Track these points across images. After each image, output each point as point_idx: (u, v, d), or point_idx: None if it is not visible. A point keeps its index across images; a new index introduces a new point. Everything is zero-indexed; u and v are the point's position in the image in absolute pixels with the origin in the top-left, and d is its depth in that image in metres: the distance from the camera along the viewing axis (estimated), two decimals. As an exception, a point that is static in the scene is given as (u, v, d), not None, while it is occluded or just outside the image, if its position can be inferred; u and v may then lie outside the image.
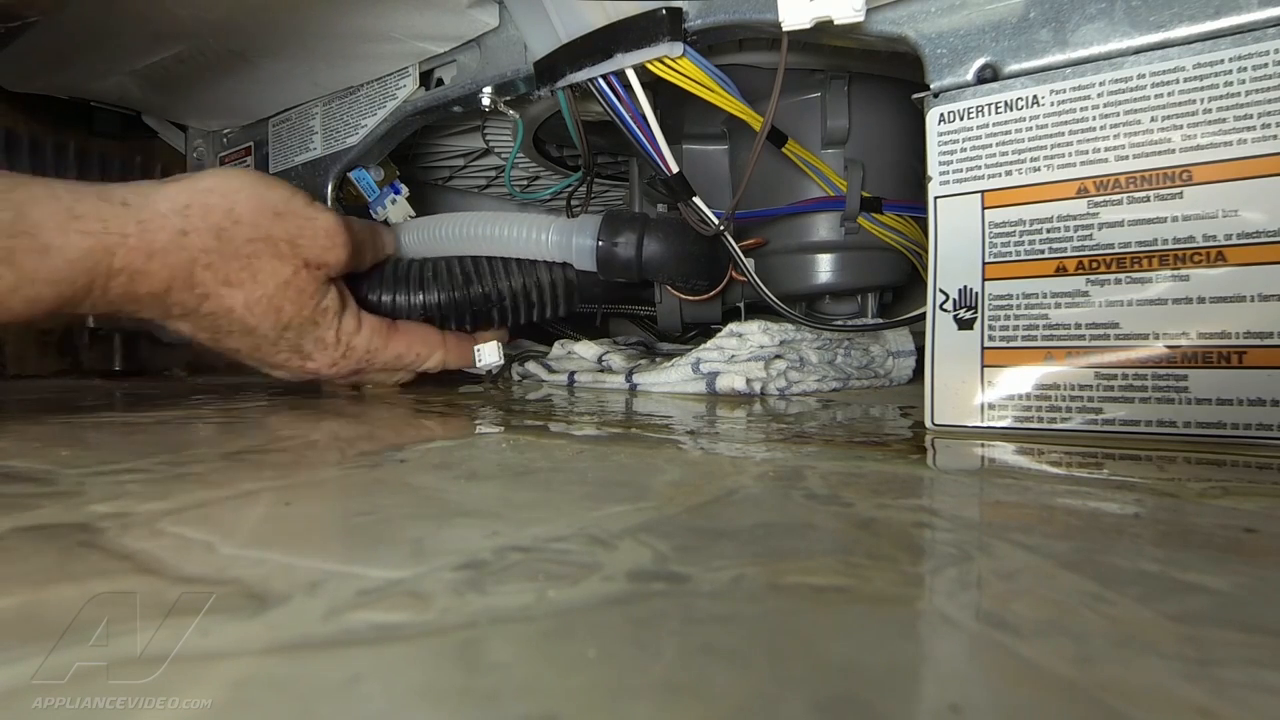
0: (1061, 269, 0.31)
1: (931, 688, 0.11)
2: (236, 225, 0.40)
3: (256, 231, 0.40)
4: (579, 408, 0.43)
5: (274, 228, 0.41)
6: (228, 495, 0.21)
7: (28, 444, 0.29)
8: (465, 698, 0.10)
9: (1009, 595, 0.14)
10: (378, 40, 0.54)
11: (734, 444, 0.30)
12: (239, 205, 0.40)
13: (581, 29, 0.44)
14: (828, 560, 0.16)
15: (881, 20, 0.36)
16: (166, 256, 0.37)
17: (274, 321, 0.42)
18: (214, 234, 0.39)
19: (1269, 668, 0.11)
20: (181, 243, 0.38)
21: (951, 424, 0.33)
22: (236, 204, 0.40)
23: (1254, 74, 0.28)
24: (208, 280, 0.39)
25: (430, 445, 0.30)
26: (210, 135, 0.77)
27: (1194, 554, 0.16)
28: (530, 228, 0.52)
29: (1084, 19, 0.31)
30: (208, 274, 0.39)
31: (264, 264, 0.41)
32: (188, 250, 0.38)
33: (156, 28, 0.54)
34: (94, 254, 0.35)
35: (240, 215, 0.40)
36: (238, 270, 0.40)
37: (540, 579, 0.15)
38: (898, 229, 0.49)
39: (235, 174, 0.42)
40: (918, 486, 0.23)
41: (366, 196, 0.64)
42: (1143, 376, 0.29)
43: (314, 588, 0.14)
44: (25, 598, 0.14)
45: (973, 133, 0.33)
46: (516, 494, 0.22)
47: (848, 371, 0.53)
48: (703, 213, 0.46)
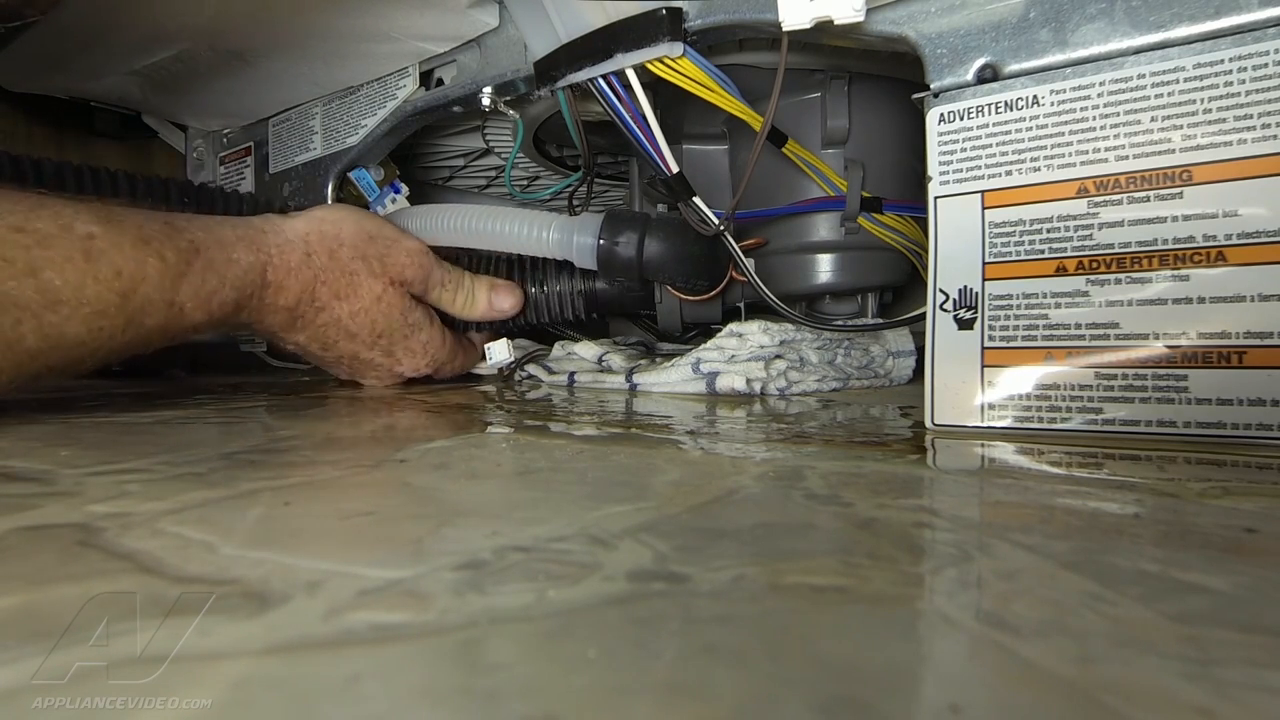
0: (1061, 269, 0.31)
1: (931, 688, 0.11)
2: (342, 247, 0.48)
3: (356, 251, 0.49)
4: (579, 408, 0.43)
5: (368, 248, 0.49)
6: (228, 495, 0.21)
7: (27, 444, 0.29)
8: (465, 698, 0.10)
9: (1009, 595, 0.14)
10: (378, 40, 0.54)
11: (734, 444, 0.30)
12: (344, 231, 0.49)
13: (581, 29, 0.44)
14: (828, 560, 0.16)
15: (881, 20, 0.36)
16: (299, 274, 0.46)
17: (370, 330, 0.50)
18: (328, 255, 0.48)
19: (1269, 668, 0.11)
20: (308, 262, 0.46)
21: (951, 424, 0.33)
22: (342, 230, 0.49)
23: (1254, 74, 0.28)
24: (323, 294, 0.47)
25: (430, 445, 0.30)
26: (210, 135, 0.77)
27: (1194, 554, 0.16)
28: (532, 224, 0.52)
29: (1084, 19, 0.31)
30: (324, 289, 0.47)
31: (362, 280, 0.49)
32: (312, 269, 0.47)
33: (156, 28, 0.54)
34: (256, 267, 0.43)
35: (344, 239, 0.49)
36: (344, 285, 0.48)
37: (540, 579, 0.15)
38: (898, 229, 0.49)
39: (340, 208, 0.51)
40: (918, 486, 0.23)
41: (366, 196, 0.64)
42: (1143, 376, 0.29)
43: (314, 588, 0.14)
44: (25, 598, 0.14)
45: (973, 133, 0.33)
46: (516, 494, 0.22)
47: (848, 371, 0.53)
48: (703, 213, 0.46)
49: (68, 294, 0.34)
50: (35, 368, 0.34)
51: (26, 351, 0.33)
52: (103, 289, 0.35)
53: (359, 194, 0.64)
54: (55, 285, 0.33)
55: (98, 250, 0.35)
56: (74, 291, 0.34)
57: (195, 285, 0.39)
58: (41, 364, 0.34)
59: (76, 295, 0.34)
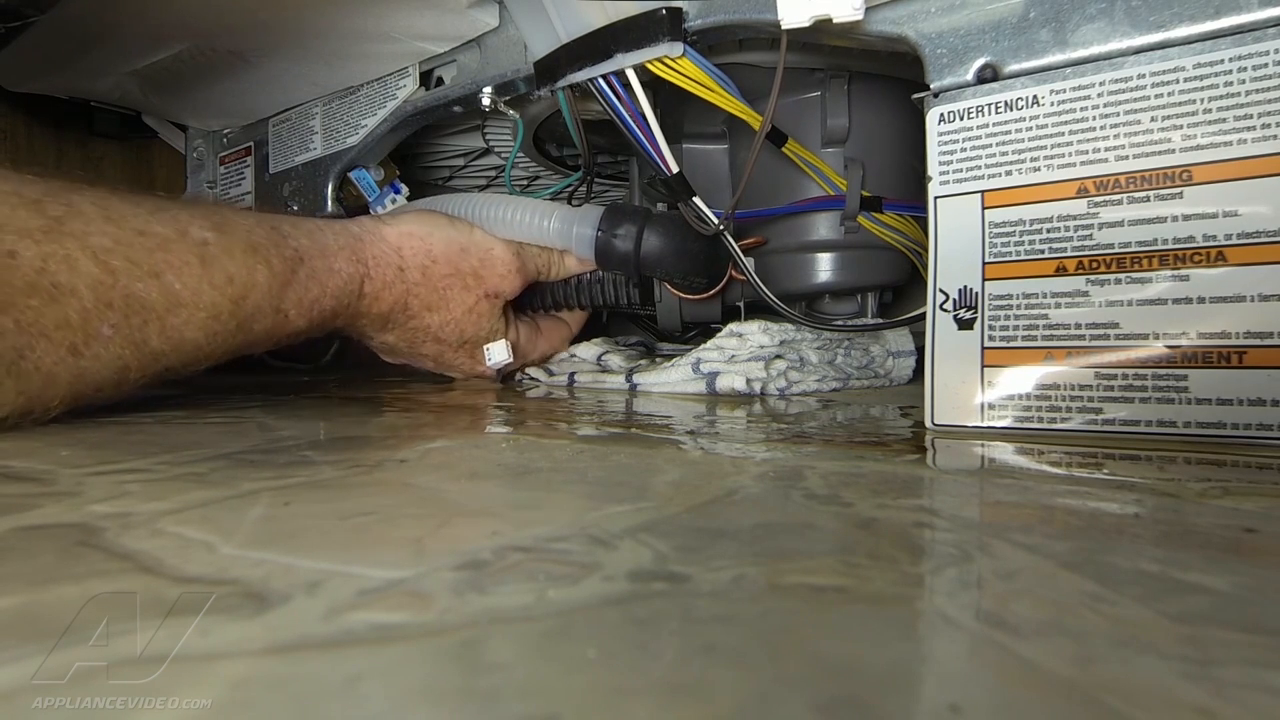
0: (1061, 269, 0.31)
1: (931, 688, 0.11)
2: (434, 264, 0.49)
3: (450, 267, 0.50)
4: (579, 408, 0.43)
5: (461, 262, 0.50)
6: (228, 495, 0.21)
7: (28, 444, 0.29)
8: (465, 698, 0.10)
9: (1009, 595, 0.14)
10: (378, 40, 0.54)
11: (734, 444, 0.30)
12: (435, 246, 0.49)
13: (581, 29, 0.44)
14: (828, 560, 0.16)
15: (881, 20, 0.36)
16: (393, 289, 0.47)
17: (457, 337, 0.52)
18: (420, 270, 0.49)
19: (1269, 668, 0.11)
20: (401, 277, 0.48)
21: (951, 424, 0.33)
22: (433, 245, 0.49)
23: (1254, 74, 0.28)
24: (415, 306, 0.49)
25: (430, 445, 0.30)
26: (210, 135, 0.77)
27: (1194, 554, 0.16)
28: (534, 212, 0.52)
29: (1084, 19, 0.31)
30: (416, 301, 0.49)
31: (454, 295, 0.50)
32: (405, 283, 0.48)
33: (156, 28, 0.54)
34: (355, 279, 0.45)
35: (437, 255, 0.49)
36: (436, 300, 0.50)
37: (540, 579, 0.15)
38: (898, 228, 0.49)
39: (426, 218, 0.51)
40: (918, 486, 0.23)
41: (366, 196, 0.63)
42: (1143, 376, 0.29)
43: (314, 588, 0.14)
44: (25, 598, 0.14)
45: (973, 133, 0.33)
46: (517, 494, 0.22)
47: (848, 371, 0.53)
48: (702, 212, 0.46)
49: (187, 297, 0.35)
50: (157, 368, 0.35)
51: (151, 353, 0.34)
52: (218, 294, 0.36)
53: (359, 194, 0.64)
54: (175, 289, 0.34)
55: (211, 256, 0.36)
56: (192, 295, 0.35)
57: (299, 293, 0.41)
58: (163, 365, 0.35)
59: (195, 299, 0.35)
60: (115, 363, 0.33)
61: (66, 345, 0.31)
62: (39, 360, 0.30)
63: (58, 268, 0.30)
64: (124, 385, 0.34)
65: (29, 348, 0.30)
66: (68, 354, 0.31)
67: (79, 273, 0.31)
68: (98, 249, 0.32)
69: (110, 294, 0.32)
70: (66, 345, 0.31)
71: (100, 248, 0.32)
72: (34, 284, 0.30)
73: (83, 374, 0.32)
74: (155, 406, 0.41)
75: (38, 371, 0.30)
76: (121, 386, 0.34)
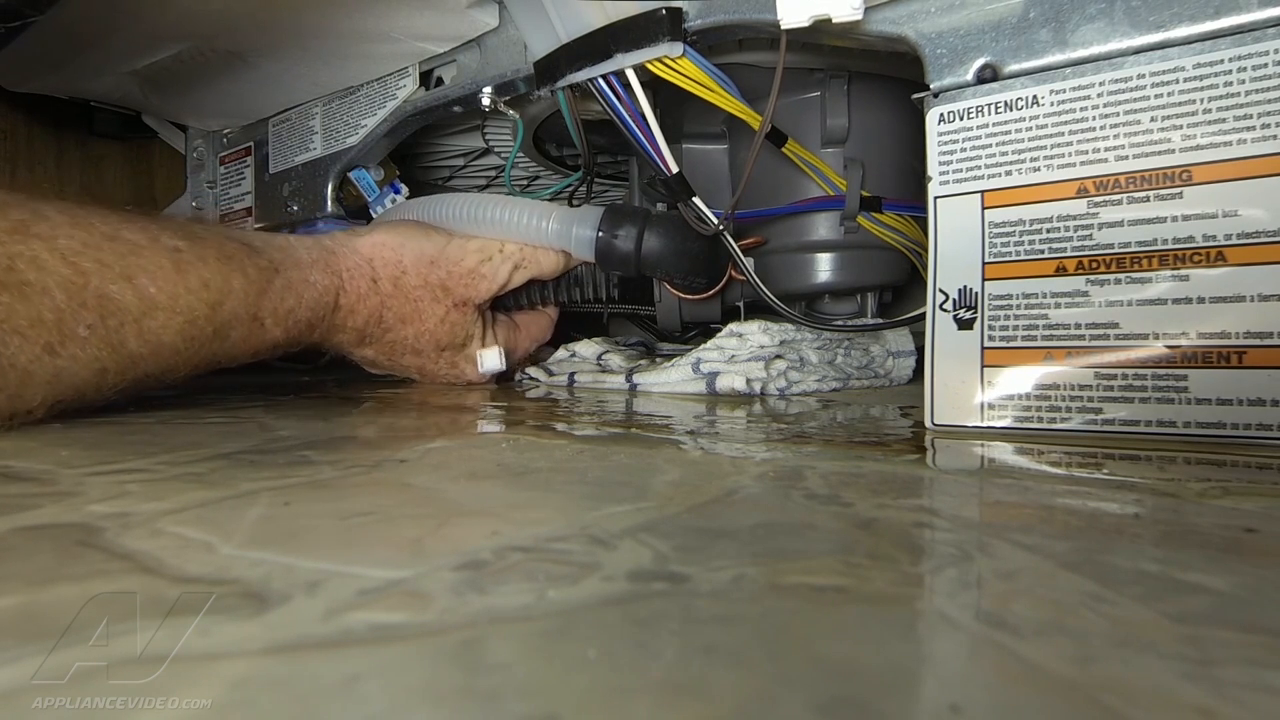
0: (1061, 269, 0.31)
1: (931, 688, 0.11)
2: (405, 275, 0.49)
3: (420, 278, 0.50)
4: (579, 408, 0.43)
5: (430, 274, 0.50)
6: (228, 495, 0.21)
7: (27, 444, 0.29)
8: (465, 698, 0.10)
9: (1009, 595, 0.14)
10: (378, 40, 0.54)
11: (734, 444, 0.30)
12: (405, 257, 0.49)
13: (581, 29, 0.44)
14: (828, 560, 0.16)
15: (880, 19, 0.36)
16: (367, 300, 0.48)
17: (434, 346, 0.52)
18: (393, 282, 0.49)
19: (1269, 668, 0.11)
20: (375, 289, 0.48)
21: (951, 424, 0.33)
22: (404, 257, 0.49)
23: (1254, 74, 0.28)
24: (389, 319, 0.49)
25: (430, 445, 0.30)
26: (210, 135, 0.77)
27: (1194, 554, 0.16)
28: (532, 214, 0.52)
29: (1084, 19, 0.31)
30: (390, 314, 0.49)
31: (426, 306, 0.50)
32: (379, 295, 0.48)
33: (156, 28, 0.54)
34: (330, 290, 0.45)
35: (407, 266, 0.50)
36: (410, 312, 0.50)
37: (540, 579, 0.15)
38: (897, 228, 0.49)
39: (400, 228, 0.51)
40: (918, 486, 0.23)
41: (366, 196, 0.63)
42: (1143, 376, 0.29)
43: (313, 588, 0.14)
44: (25, 598, 0.14)
45: (973, 133, 0.33)
46: (516, 494, 0.22)
47: (848, 371, 0.53)
48: (702, 212, 0.46)
49: (163, 301, 0.35)
50: (136, 373, 0.35)
51: (129, 355, 0.34)
52: (194, 299, 0.36)
53: (359, 194, 0.64)
54: (150, 292, 0.34)
55: (185, 262, 0.36)
56: (169, 299, 0.35)
57: (275, 302, 0.41)
58: (141, 370, 0.35)
59: (171, 303, 0.35)
60: (93, 364, 0.33)
61: (42, 344, 0.31)
62: (14, 357, 0.30)
63: (25, 267, 0.30)
64: (103, 389, 0.34)
65: (2, 344, 0.30)
66: (44, 352, 0.31)
67: (48, 271, 0.31)
68: (66, 250, 0.32)
69: (84, 294, 0.32)
70: (42, 344, 0.31)
71: (69, 249, 0.32)
72: (1, 281, 0.30)
73: (60, 374, 0.32)
74: (155, 406, 0.41)
75: (13, 368, 0.30)
76: (101, 390, 0.34)
